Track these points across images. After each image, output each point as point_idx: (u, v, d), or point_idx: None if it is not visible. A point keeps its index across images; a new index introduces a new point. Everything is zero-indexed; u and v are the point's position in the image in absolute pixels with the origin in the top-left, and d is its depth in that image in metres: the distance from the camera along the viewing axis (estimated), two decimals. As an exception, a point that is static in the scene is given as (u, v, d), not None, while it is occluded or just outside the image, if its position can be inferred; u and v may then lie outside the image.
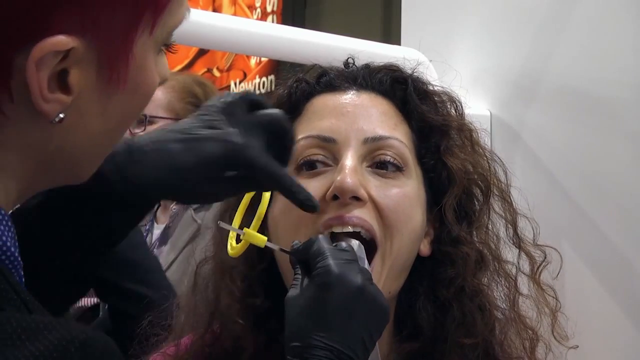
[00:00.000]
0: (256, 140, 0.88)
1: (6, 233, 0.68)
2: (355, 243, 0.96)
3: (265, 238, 0.96)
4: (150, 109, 2.16)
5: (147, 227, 2.39)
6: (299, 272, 0.89)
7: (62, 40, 0.64)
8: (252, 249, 1.04)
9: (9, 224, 0.69)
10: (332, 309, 0.84)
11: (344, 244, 0.91)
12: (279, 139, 0.91)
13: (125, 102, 0.71)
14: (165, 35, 0.73)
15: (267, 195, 0.99)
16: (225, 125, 0.88)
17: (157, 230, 2.37)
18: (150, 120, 2.16)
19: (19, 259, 0.69)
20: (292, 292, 0.88)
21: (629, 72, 1.60)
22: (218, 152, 0.86)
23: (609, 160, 1.62)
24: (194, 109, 2.17)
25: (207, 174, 0.87)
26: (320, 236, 0.90)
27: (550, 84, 1.73)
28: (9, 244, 0.68)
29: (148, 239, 2.37)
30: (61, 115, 0.67)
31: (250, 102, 0.92)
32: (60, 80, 0.66)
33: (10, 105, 0.66)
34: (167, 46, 0.76)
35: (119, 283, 1.80)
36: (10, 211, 0.71)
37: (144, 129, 2.14)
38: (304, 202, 0.91)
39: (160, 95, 2.19)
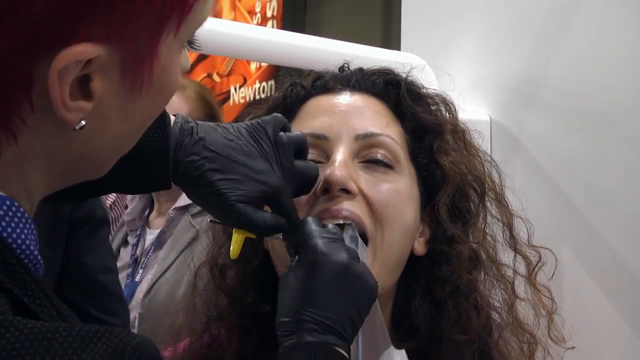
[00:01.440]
0: (285, 174, 0.93)
1: (30, 236, 0.67)
2: (358, 238, 0.97)
3: None
4: None
5: (138, 232, 2.38)
6: (293, 256, 0.91)
7: (87, 50, 0.62)
8: (249, 246, 1.05)
9: (32, 227, 0.68)
10: (319, 286, 0.86)
11: (330, 226, 0.92)
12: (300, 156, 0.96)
13: (148, 105, 0.70)
14: (190, 33, 0.71)
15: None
16: (271, 160, 0.92)
17: (151, 236, 2.35)
18: None
19: (41, 261, 0.69)
20: (284, 273, 0.90)
21: (628, 78, 1.60)
22: (256, 193, 0.91)
23: (608, 165, 1.63)
24: (207, 118, 2.21)
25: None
26: (310, 218, 0.92)
27: (549, 90, 1.74)
28: (32, 247, 0.68)
29: (140, 245, 2.37)
30: (83, 123, 0.65)
31: (283, 125, 0.96)
32: (82, 87, 0.64)
33: (31, 114, 0.64)
34: (191, 43, 0.74)
35: (84, 308, 1.80)
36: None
37: None
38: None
39: (182, 105, 2.22)
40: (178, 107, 2.21)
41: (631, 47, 1.61)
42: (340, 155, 1.00)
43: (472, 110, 1.77)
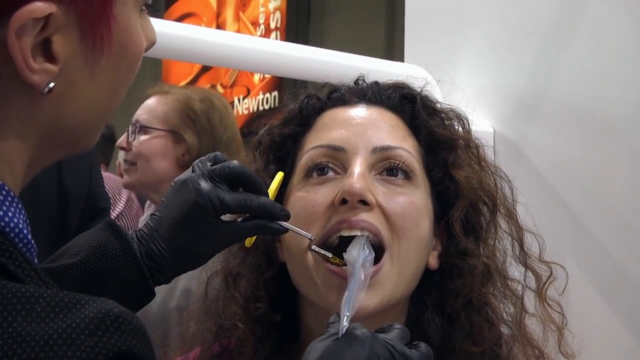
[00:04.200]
0: (220, 185, 0.96)
1: (17, 215, 0.67)
2: (370, 257, 0.95)
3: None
4: (145, 118, 2.14)
5: None
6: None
7: (39, 7, 0.63)
8: (264, 256, 1.06)
9: (19, 206, 0.68)
10: None
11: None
12: (247, 187, 0.98)
13: (114, 67, 0.71)
14: None
15: (279, 176, 1.02)
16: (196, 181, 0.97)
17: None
18: (143, 129, 2.14)
19: (32, 242, 0.69)
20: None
21: (629, 90, 1.60)
22: (192, 201, 0.95)
23: (610, 176, 1.62)
24: (190, 123, 2.12)
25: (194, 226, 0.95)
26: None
27: (552, 102, 1.74)
28: (20, 225, 0.67)
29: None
30: (51, 85, 0.66)
31: (215, 159, 0.99)
32: (45, 50, 0.65)
33: None
34: (149, 7, 0.75)
35: None
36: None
37: (135, 137, 2.12)
38: (277, 214, 0.97)
39: (157, 105, 2.16)
40: (152, 106, 2.16)
41: (631, 60, 1.61)
42: (358, 167, 1.00)
43: (476, 121, 1.76)
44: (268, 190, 0.99)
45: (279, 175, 1.02)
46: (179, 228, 0.95)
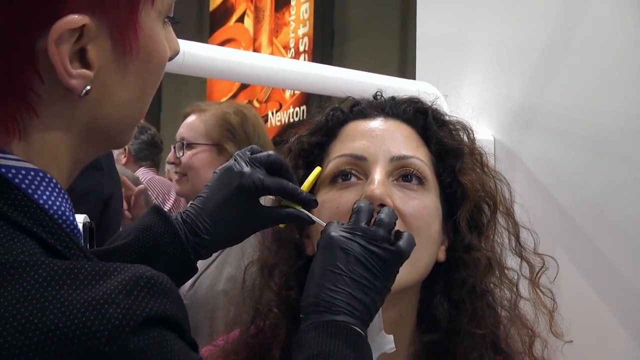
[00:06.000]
0: (258, 169, 0.99)
1: (64, 204, 0.68)
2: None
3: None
4: (190, 136, 2.16)
5: None
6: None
7: (74, 19, 0.65)
8: (294, 249, 1.07)
9: (66, 196, 0.69)
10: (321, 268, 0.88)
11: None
12: (282, 174, 1.00)
13: (141, 71, 0.71)
14: (166, 6, 0.73)
15: (317, 170, 1.04)
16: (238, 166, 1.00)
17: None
18: (189, 145, 2.16)
19: (78, 227, 0.70)
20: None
21: (618, 102, 1.59)
22: (236, 183, 0.97)
23: (598, 179, 1.62)
24: (230, 135, 2.14)
25: (235, 205, 0.97)
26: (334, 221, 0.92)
27: (547, 113, 1.73)
28: (67, 213, 0.68)
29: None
30: (88, 87, 0.67)
31: (252, 149, 1.02)
32: (81, 59, 0.67)
33: (42, 86, 0.66)
34: (171, 19, 0.75)
35: None
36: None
37: (183, 153, 2.15)
38: (306, 199, 1.00)
39: (199, 123, 2.17)
40: (194, 125, 2.17)
41: (620, 75, 1.60)
42: (378, 175, 1.01)
43: (479, 131, 1.76)
44: (305, 182, 1.02)
45: (317, 170, 1.04)
46: (223, 206, 0.97)
